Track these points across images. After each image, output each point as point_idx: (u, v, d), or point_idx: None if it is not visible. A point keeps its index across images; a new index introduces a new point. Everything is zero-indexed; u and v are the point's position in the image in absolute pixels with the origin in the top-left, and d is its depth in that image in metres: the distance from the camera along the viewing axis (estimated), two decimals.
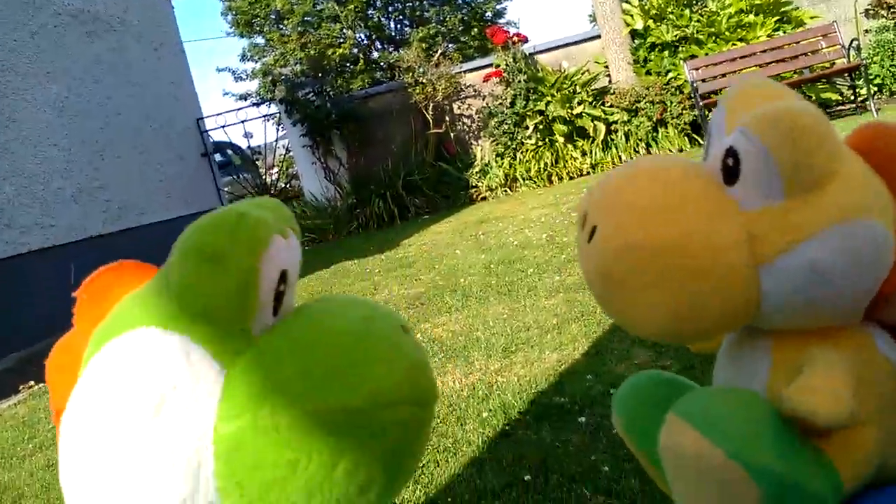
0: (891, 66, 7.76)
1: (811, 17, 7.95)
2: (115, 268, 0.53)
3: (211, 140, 9.32)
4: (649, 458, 0.47)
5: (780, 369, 0.44)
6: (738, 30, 7.74)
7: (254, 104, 11.24)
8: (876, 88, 7.79)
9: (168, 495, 0.41)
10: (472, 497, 1.72)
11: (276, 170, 10.68)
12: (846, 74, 7.42)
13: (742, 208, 0.41)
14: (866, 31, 8.32)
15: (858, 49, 7.37)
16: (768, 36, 7.66)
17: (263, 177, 10.38)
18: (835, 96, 7.86)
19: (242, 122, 9.30)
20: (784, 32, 7.71)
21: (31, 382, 4.37)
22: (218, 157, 9.87)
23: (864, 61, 7.13)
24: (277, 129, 9.95)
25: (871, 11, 8.39)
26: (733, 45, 7.65)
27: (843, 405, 0.38)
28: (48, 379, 0.51)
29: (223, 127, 9.19)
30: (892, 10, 8.29)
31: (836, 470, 0.40)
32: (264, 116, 9.63)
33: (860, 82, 7.42)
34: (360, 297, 0.49)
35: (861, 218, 0.39)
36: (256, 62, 19.05)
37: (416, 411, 0.43)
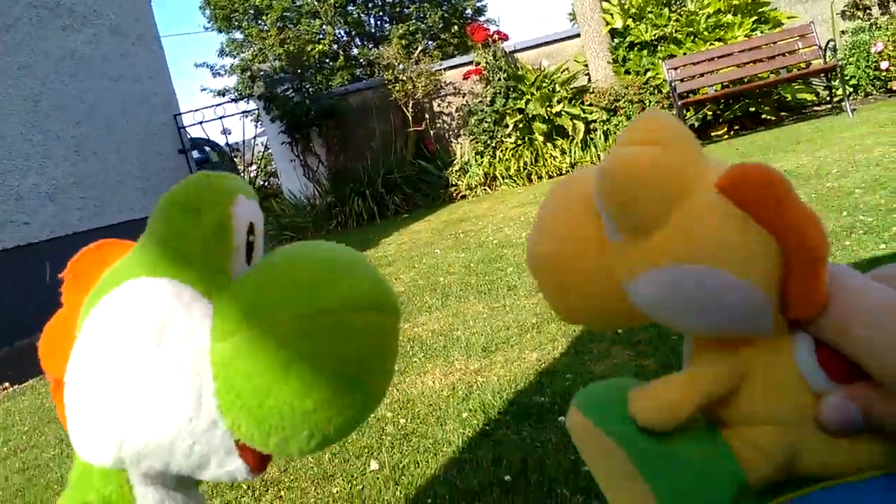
0: (866, 67, 7.85)
1: (788, 18, 8.02)
2: (99, 245, 0.56)
3: (189, 136, 9.24)
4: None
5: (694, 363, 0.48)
6: (717, 30, 7.80)
7: (232, 100, 11.16)
8: (851, 89, 7.88)
9: (175, 415, 0.46)
10: (452, 497, 1.72)
11: (254, 167, 10.61)
12: (822, 75, 7.50)
13: (608, 240, 0.46)
14: (842, 32, 8.41)
15: (835, 50, 7.45)
16: (746, 36, 7.72)
17: (242, 174, 10.30)
18: (811, 97, 7.94)
19: (220, 118, 9.23)
20: (762, 33, 7.78)
21: (6, 384, 4.32)
22: (196, 153, 9.79)
23: (840, 62, 7.21)
24: (256, 126, 9.91)
25: (847, 13, 8.49)
26: (711, 44, 7.70)
27: (659, 413, 0.42)
28: (42, 353, 0.53)
29: (201, 123, 9.13)
30: (867, 11, 8.39)
31: (736, 459, 0.44)
32: (243, 113, 9.56)
33: (836, 83, 7.50)
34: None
35: (684, 264, 0.42)
36: (235, 58, 18.95)
37: (382, 318, 0.48)
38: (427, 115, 8.76)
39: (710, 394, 0.44)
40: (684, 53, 7.73)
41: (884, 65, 7.67)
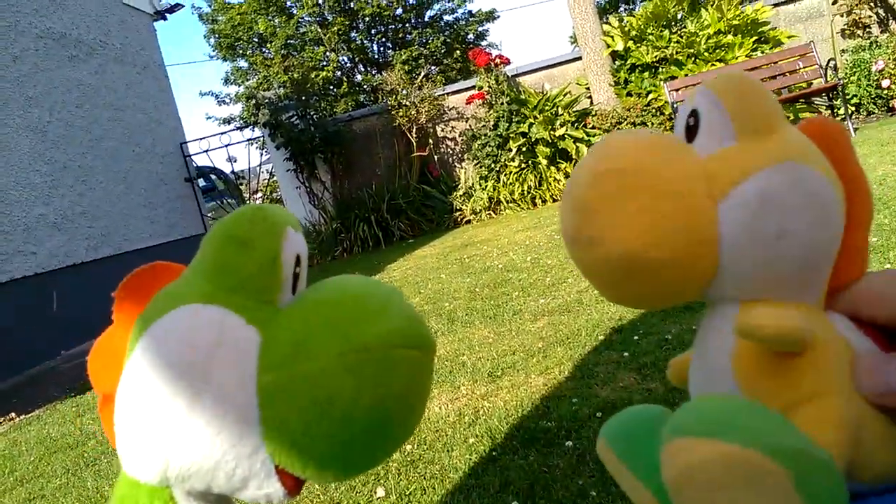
0: (867, 85, 7.87)
1: (788, 37, 8.07)
2: (150, 268, 0.58)
3: (195, 165, 9.31)
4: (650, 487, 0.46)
5: (743, 350, 0.45)
6: (717, 50, 7.84)
7: (237, 128, 11.24)
8: (853, 108, 7.90)
9: (221, 440, 0.48)
10: None
11: (260, 194, 10.67)
12: (824, 94, 7.52)
13: (700, 156, 0.45)
14: (843, 50, 8.45)
15: (836, 69, 7.48)
16: (747, 56, 7.76)
17: (248, 201, 10.35)
18: (813, 116, 7.95)
19: (226, 146, 9.30)
20: (762, 52, 7.82)
21: (13, 414, 4.31)
22: (202, 182, 9.85)
23: (841, 81, 7.23)
24: (261, 153, 9.95)
25: (847, 31, 8.53)
26: (712, 65, 7.75)
27: (792, 322, 0.40)
28: (91, 368, 0.56)
29: (206, 151, 9.19)
30: (867, 29, 8.43)
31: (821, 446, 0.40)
32: (248, 140, 9.63)
33: (838, 102, 7.52)
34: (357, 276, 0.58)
35: (807, 164, 0.42)
36: (239, 86, 19.09)
37: (419, 355, 0.50)
38: (431, 140, 8.80)
39: (811, 332, 0.42)
40: (686, 75, 7.77)
41: (885, 83, 7.69)
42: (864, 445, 0.42)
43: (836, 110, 7.64)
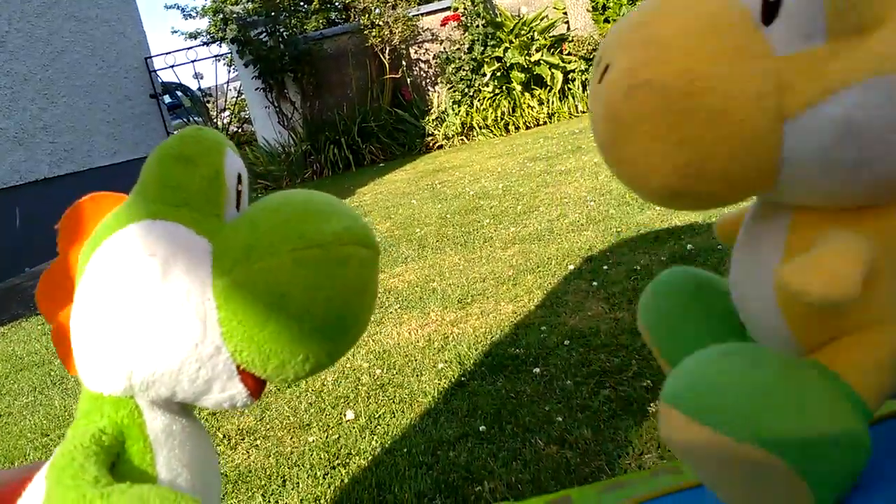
0: None
1: None
2: (92, 198, 0.60)
3: (160, 80, 9.05)
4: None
5: (794, 252, 0.40)
6: None
7: (204, 43, 10.91)
8: None
9: (183, 342, 0.50)
10: (427, 447, 1.74)
11: (227, 113, 10.43)
12: None
13: (776, 52, 0.36)
14: None
15: None
16: None
17: (215, 120, 10.13)
18: None
19: (192, 62, 9.04)
20: None
21: None
22: (167, 98, 9.60)
23: None
24: (229, 71, 9.69)
25: None
26: None
27: (841, 285, 0.34)
28: (40, 299, 0.59)
29: (172, 67, 8.93)
30: None
31: (859, 394, 0.37)
32: (215, 57, 9.36)
33: None
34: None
35: None
36: None
37: (369, 252, 0.54)
38: (404, 63, 8.63)
39: (868, 264, 0.36)
40: None
41: None
42: None
43: None
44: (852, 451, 0.36)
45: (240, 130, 9.94)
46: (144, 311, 0.51)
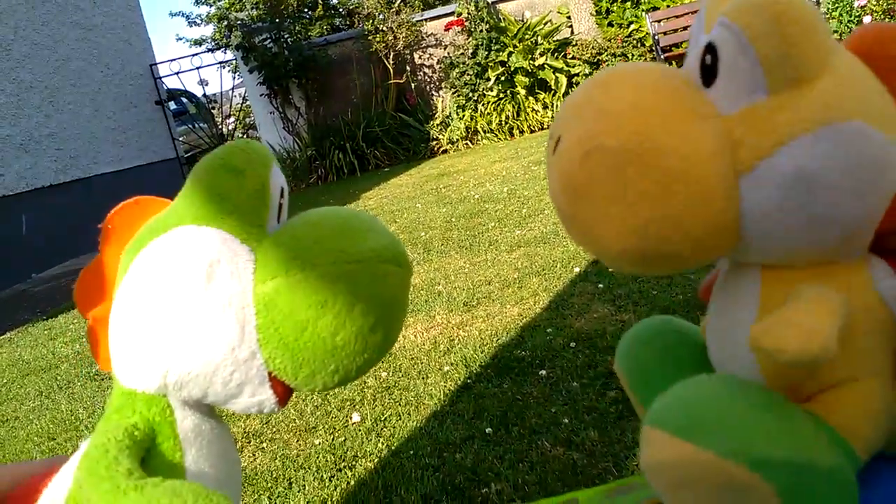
0: (849, 21, 7.82)
1: None
2: (137, 201, 0.61)
3: (165, 87, 9.08)
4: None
5: (769, 311, 0.39)
6: None
7: (209, 50, 10.94)
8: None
9: (220, 345, 0.51)
10: (433, 449, 1.74)
11: (232, 119, 10.46)
12: None
13: (722, 111, 0.36)
14: None
15: (818, 3, 7.41)
16: None
17: (220, 126, 10.15)
18: None
19: (197, 68, 9.06)
20: None
21: None
22: (172, 105, 9.62)
23: (824, 15, 7.18)
24: (234, 77, 9.72)
25: None
26: None
27: (817, 341, 0.33)
28: (78, 295, 0.59)
29: (178, 73, 8.96)
30: None
31: (846, 439, 0.36)
32: (220, 63, 9.38)
33: None
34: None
35: (852, 120, 0.34)
36: (211, 6, 18.49)
37: (403, 271, 0.55)
38: (408, 68, 8.64)
39: (843, 318, 0.35)
40: (668, 6, 7.66)
41: (866, 20, 7.64)
42: None
43: None
44: (840, 490, 0.35)
45: (245, 136, 9.96)
46: (186, 312, 0.52)
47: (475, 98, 7.85)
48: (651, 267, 0.41)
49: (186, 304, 0.52)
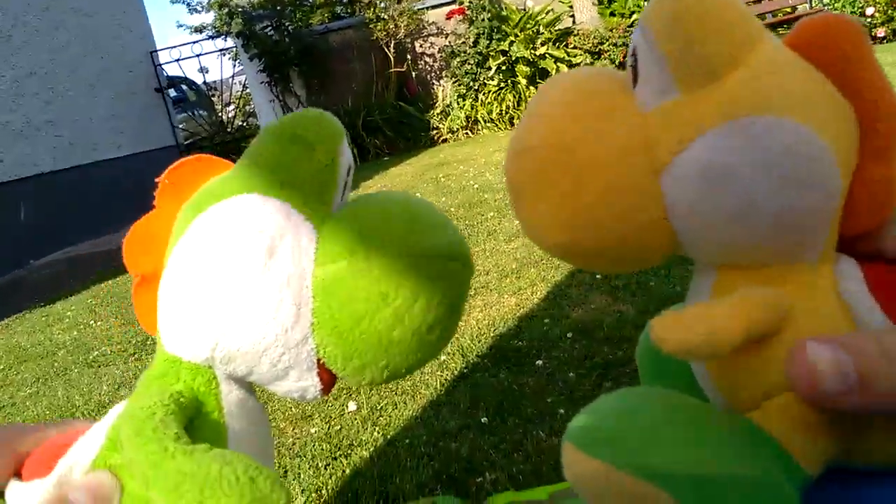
0: (851, 12, 7.79)
1: None
2: (198, 158, 0.58)
3: (165, 74, 9.05)
4: None
5: None
6: None
7: (209, 37, 10.89)
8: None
9: (274, 324, 0.49)
10: (429, 439, 1.73)
11: (232, 107, 10.44)
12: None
13: (642, 109, 0.36)
14: None
15: None
16: None
17: (220, 114, 10.13)
18: None
19: (198, 55, 9.03)
20: None
21: None
22: (172, 92, 9.59)
23: (826, 8, 7.14)
24: (234, 65, 9.69)
25: None
26: None
27: (692, 336, 0.33)
28: (127, 249, 0.56)
29: (178, 60, 8.93)
30: None
31: (789, 453, 0.35)
32: (220, 51, 9.35)
33: None
34: None
35: (764, 114, 0.33)
36: None
37: (465, 270, 0.51)
38: (409, 56, 8.62)
39: (761, 323, 0.35)
40: None
41: (869, 10, 7.61)
42: (863, 431, 0.36)
43: None
44: (759, 499, 0.34)
45: (245, 124, 9.94)
46: (243, 286, 0.49)
47: (476, 87, 7.82)
48: (588, 262, 0.42)
49: (244, 278, 0.50)
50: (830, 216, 0.36)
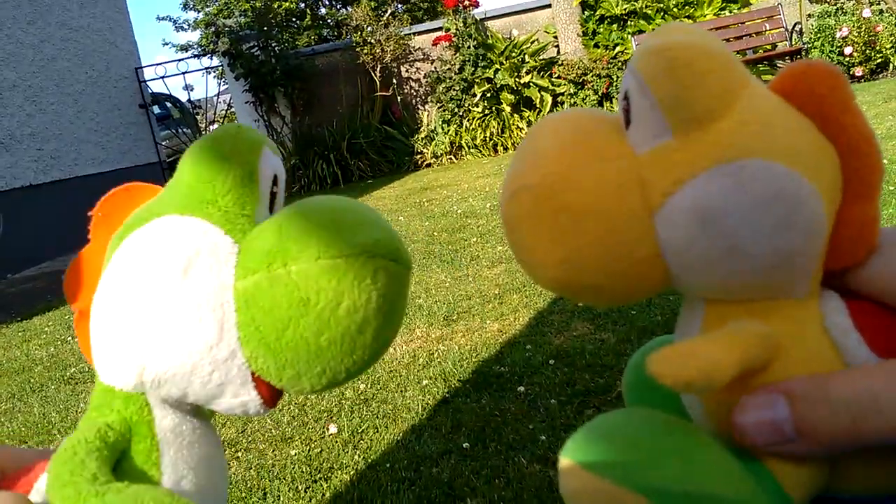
0: (830, 51, 7.95)
1: None
2: (127, 188, 0.58)
3: (150, 91, 9.04)
4: None
5: None
6: (686, 6, 7.83)
7: (195, 55, 10.90)
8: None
9: (197, 343, 0.49)
10: (410, 463, 1.73)
11: (216, 125, 10.42)
12: (787, 58, 7.59)
13: (635, 150, 0.38)
14: (809, 15, 8.50)
15: (801, 33, 7.54)
16: (715, 14, 7.77)
17: (203, 132, 10.11)
18: None
19: (183, 73, 9.03)
20: (730, 12, 7.83)
21: None
22: (156, 109, 9.58)
23: (806, 45, 7.30)
24: (219, 83, 9.69)
25: None
26: (681, 21, 7.73)
27: (694, 367, 0.34)
28: (67, 285, 0.56)
29: (163, 78, 8.92)
30: None
31: (775, 479, 0.37)
32: (206, 69, 9.36)
33: None
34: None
35: (753, 158, 0.35)
36: (199, 12, 18.48)
37: (399, 268, 0.50)
38: (395, 81, 8.67)
39: (756, 358, 0.37)
40: (653, 29, 7.70)
41: (848, 50, 7.78)
42: (843, 462, 0.38)
43: None
44: None
45: None
46: (162, 308, 0.50)
47: (460, 113, 7.89)
48: (583, 297, 0.42)
49: (162, 300, 0.50)
50: (817, 255, 0.38)
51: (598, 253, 0.38)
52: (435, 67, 8.37)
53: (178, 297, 0.50)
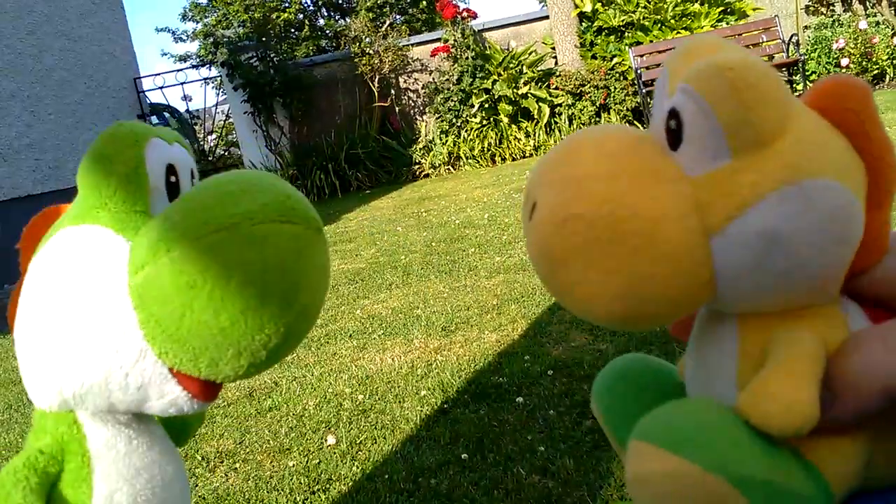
0: (826, 63, 7.99)
1: (754, 10, 8.12)
2: (44, 213, 0.59)
3: (148, 101, 9.05)
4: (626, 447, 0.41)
5: (748, 361, 0.40)
6: (684, 18, 7.86)
7: (194, 66, 10.93)
8: (811, 84, 8.02)
9: (103, 351, 0.48)
10: (408, 474, 1.73)
11: (214, 136, 10.44)
12: (784, 69, 7.61)
13: (688, 174, 0.37)
14: (806, 27, 8.54)
15: (797, 45, 7.57)
16: (712, 26, 7.80)
17: (202, 142, 10.12)
18: None
19: (182, 83, 9.05)
20: (727, 23, 7.86)
21: None
22: (155, 119, 9.58)
23: (803, 57, 7.32)
24: (218, 94, 9.70)
25: (812, 8, 8.62)
26: (678, 33, 7.77)
27: (798, 413, 0.34)
28: (10, 318, 0.57)
29: (161, 88, 8.94)
30: (830, 7, 8.52)
31: (822, 474, 0.37)
32: (204, 80, 9.38)
33: (797, 77, 7.63)
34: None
35: (815, 178, 0.35)
36: (198, 23, 18.52)
37: (298, 229, 0.47)
38: (393, 91, 8.69)
39: (821, 365, 0.36)
40: (651, 41, 7.78)
41: (844, 62, 7.81)
42: (879, 459, 0.39)
43: (794, 86, 7.75)
44: None
45: (227, 153, 9.93)
46: (64, 322, 0.49)
47: (458, 124, 7.91)
48: (636, 325, 0.42)
49: (61, 314, 0.49)
50: (849, 262, 0.38)
51: (658, 281, 0.37)
52: (433, 78, 8.40)
53: (76, 308, 0.49)
